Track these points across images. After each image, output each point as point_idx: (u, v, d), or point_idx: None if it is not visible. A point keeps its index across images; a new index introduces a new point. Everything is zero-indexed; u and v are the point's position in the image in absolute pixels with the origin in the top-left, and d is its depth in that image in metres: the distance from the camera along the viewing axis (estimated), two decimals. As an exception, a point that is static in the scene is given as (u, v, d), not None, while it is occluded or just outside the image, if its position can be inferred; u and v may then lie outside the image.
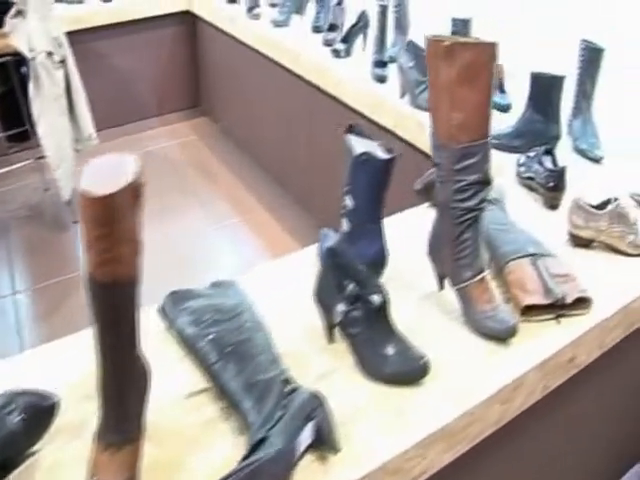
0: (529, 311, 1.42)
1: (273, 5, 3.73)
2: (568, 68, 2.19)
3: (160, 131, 4.63)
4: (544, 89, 2.15)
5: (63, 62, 3.29)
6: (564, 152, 2.17)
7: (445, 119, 1.31)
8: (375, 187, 1.40)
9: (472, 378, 1.29)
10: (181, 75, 4.74)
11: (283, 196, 3.76)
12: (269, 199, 3.81)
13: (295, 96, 3.34)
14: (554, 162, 1.93)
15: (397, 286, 1.46)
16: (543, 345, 1.38)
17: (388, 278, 1.47)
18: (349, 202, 1.44)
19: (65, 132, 3.35)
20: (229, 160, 4.23)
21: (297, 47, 3.21)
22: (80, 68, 3.48)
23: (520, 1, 2.31)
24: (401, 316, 1.34)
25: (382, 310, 1.27)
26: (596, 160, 2.14)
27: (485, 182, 1.34)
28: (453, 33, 2.65)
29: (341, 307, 1.29)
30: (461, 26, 2.65)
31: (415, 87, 2.46)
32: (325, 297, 1.33)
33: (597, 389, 1.76)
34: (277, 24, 3.52)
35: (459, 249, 1.37)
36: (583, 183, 1.94)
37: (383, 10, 2.76)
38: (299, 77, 3.17)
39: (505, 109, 2.47)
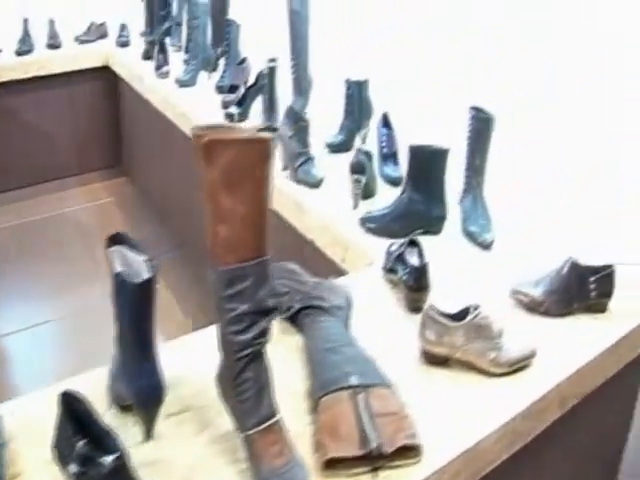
0: (339, 463, 1.15)
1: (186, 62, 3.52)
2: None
3: (77, 192, 4.38)
4: (425, 164, 1.91)
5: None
6: (452, 236, 1.94)
7: (210, 233, 1.05)
8: (136, 311, 1.14)
9: None
10: (101, 133, 4.50)
11: (195, 264, 3.48)
12: (180, 269, 3.54)
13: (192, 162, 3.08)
14: (420, 255, 1.66)
15: (186, 420, 1.19)
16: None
17: (178, 410, 1.21)
18: (115, 326, 1.18)
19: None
20: (143, 226, 3.97)
21: (193, 110, 2.97)
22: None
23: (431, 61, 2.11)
24: (177, 467, 1.07)
25: (119, 474, 0.99)
26: (485, 246, 1.89)
27: (263, 312, 1.08)
28: (347, 97, 2.43)
29: (73, 468, 1.01)
30: (355, 89, 2.43)
31: (295, 159, 2.22)
32: (61, 451, 1.06)
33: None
34: (182, 84, 3.29)
35: (239, 390, 1.10)
36: (462, 277, 1.70)
37: (271, 71, 2.52)
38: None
39: (397, 182, 2.22)
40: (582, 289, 1.65)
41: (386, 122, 2.37)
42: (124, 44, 4.30)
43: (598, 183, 1.84)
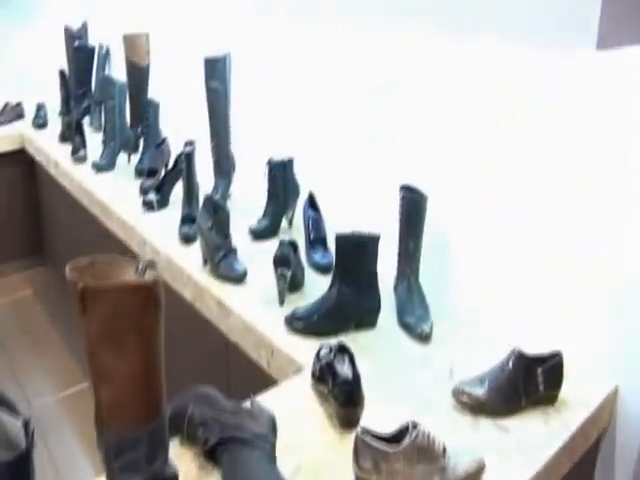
0: None
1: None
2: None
3: (-8, 284, 4.16)
4: (354, 254, 1.78)
5: None
6: (388, 328, 1.81)
7: (94, 393, 0.90)
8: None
9: None
10: (19, 220, 4.30)
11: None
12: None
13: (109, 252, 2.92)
14: (352, 362, 1.52)
15: None
16: None
17: None
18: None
19: None
20: (62, 321, 3.75)
21: (110, 198, 2.82)
22: None
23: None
24: None
25: None
26: (423, 338, 1.77)
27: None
28: (270, 178, 2.31)
29: None
30: (279, 169, 2.31)
31: (215, 253, 2.08)
32: None
33: None
34: (99, 168, 3.14)
35: None
36: (400, 378, 1.57)
37: (188, 157, 2.39)
38: (109, 233, 2.77)
39: (326, 270, 2.09)
40: (529, 383, 1.54)
41: (312, 203, 2.26)
42: (41, 125, 4.15)
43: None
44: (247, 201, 2.65)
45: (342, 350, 1.52)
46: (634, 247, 1.51)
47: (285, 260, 1.87)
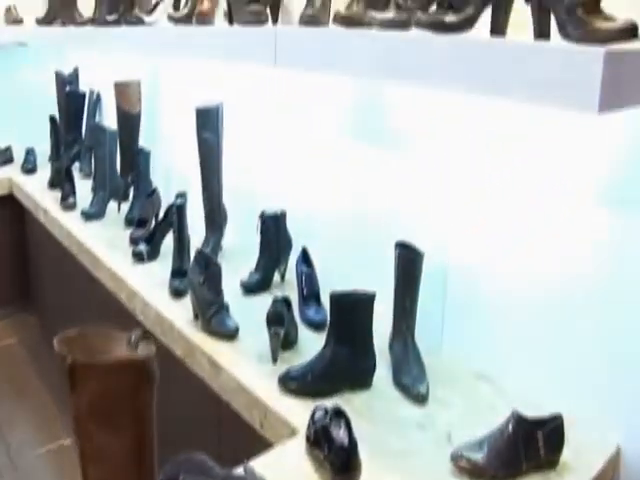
0: None
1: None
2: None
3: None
4: (349, 313, 1.76)
5: None
6: (383, 388, 1.78)
7: (82, 471, 0.86)
8: None
9: None
10: (5, 266, 4.26)
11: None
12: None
13: (95, 305, 2.89)
14: (348, 426, 1.49)
15: None
16: None
17: None
18: None
19: None
20: (47, 372, 3.69)
21: (97, 245, 2.79)
22: None
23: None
24: None
25: None
26: (420, 399, 1.74)
27: None
28: (262, 232, 2.29)
29: None
30: (271, 222, 2.29)
31: (207, 308, 2.04)
32: None
33: None
34: (88, 217, 3.12)
35: None
36: (397, 442, 1.54)
37: (180, 209, 2.37)
38: (98, 283, 2.74)
39: (320, 326, 2.06)
40: (530, 447, 1.51)
41: (305, 258, 2.23)
42: (30, 171, 4.15)
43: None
44: (239, 253, 2.62)
45: (338, 414, 1.48)
46: (633, 307, 1.49)
47: (279, 318, 1.85)
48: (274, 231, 2.26)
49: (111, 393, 0.82)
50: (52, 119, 3.92)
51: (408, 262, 1.82)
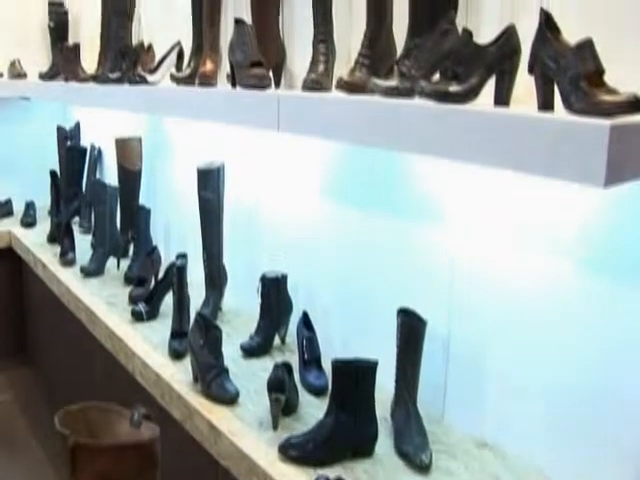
0: None
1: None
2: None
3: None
4: (351, 381, 1.75)
5: None
6: (385, 456, 1.76)
7: None
8: None
9: None
10: (2, 318, 4.24)
11: None
12: None
13: (94, 363, 2.88)
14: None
15: None
16: None
17: None
18: None
19: None
20: (43, 429, 3.64)
21: (96, 303, 2.79)
22: None
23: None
24: None
25: None
26: (422, 468, 1.72)
27: None
28: (263, 295, 2.29)
29: None
30: (272, 285, 2.29)
31: (207, 372, 2.03)
32: None
33: None
34: (87, 273, 3.12)
35: None
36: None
37: (180, 271, 2.37)
38: (96, 341, 2.73)
39: (321, 392, 2.05)
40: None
41: (306, 322, 2.23)
42: (29, 224, 4.16)
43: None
44: (239, 315, 2.62)
45: (340, 485, 1.46)
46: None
47: (280, 385, 1.84)
48: (275, 294, 2.27)
49: (114, 476, 0.81)
50: (53, 173, 3.94)
51: (410, 329, 1.82)
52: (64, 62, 3.79)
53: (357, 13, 1.98)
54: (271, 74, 2.19)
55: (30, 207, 4.29)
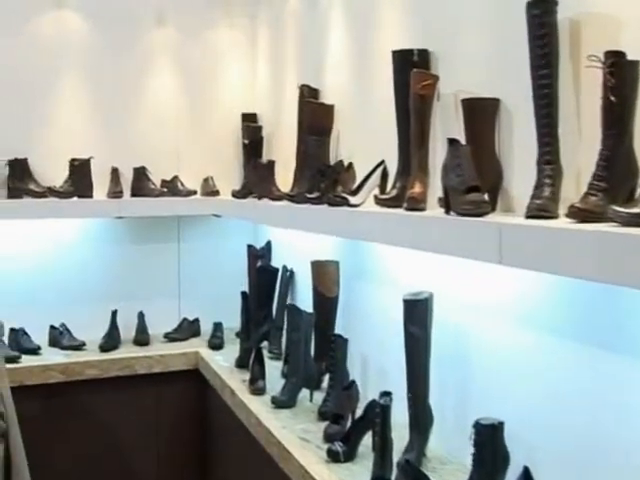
0: None
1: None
2: None
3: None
4: None
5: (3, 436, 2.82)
6: None
7: None
8: None
9: None
10: (184, 443, 4.31)
11: None
12: None
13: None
14: None
15: None
16: None
17: None
18: None
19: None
20: None
21: (288, 437, 2.81)
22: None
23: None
24: None
25: None
26: None
27: None
28: (477, 443, 2.15)
29: None
30: (488, 435, 2.15)
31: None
32: None
33: None
34: (279, 404, 3.17)
35: None
36: None
37: (384, 410, 2.32)
38: (287, 478, 2.69)
39: None
40: None
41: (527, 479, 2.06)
42: (217, 346, 4.29)
43: None
44: (444, 463, 2.50)
45: None
46: None
47: None
48: (490, 445, 2.12)
49: None
50: (244, 295, 4.05)
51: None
52: (257, 179, 3.96)
53: (587, 128, 1.90)
54: (486, 196, 2.14)
55: (218, 328, 4.42)
